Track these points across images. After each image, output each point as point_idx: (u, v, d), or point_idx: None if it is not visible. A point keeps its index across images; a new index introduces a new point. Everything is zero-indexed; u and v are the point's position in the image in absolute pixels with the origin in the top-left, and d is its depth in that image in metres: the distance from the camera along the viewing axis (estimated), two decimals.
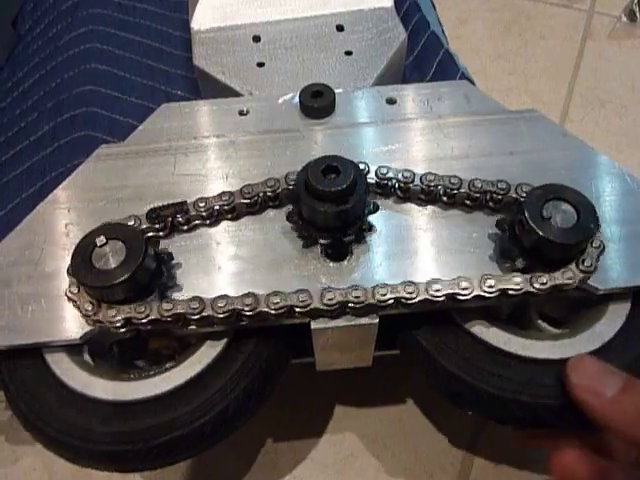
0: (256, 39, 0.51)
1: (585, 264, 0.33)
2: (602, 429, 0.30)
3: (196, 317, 0.32)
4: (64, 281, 0.34)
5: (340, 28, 0.52)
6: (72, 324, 0.34)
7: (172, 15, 0.66)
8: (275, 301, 0.32)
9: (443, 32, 0.65)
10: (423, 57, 0.58)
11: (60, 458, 0.35)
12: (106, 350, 0.37)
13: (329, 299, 0.32)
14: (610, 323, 0.35)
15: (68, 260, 0.33)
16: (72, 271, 0.32)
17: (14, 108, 0.59)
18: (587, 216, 0.32)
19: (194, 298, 0.33)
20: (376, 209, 0.35)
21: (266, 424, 0.46)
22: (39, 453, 0.46)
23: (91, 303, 0.32)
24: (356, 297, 0.32)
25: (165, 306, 0.32)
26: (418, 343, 0.35)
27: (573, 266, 0.33)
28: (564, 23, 0.77)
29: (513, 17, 0.78)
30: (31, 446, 0.46)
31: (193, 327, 0.34)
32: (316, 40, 0.51)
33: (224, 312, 0.32)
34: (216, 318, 0.32)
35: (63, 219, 0.37)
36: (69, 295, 0.33)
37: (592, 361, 0.32)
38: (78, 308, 0.33)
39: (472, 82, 0.57)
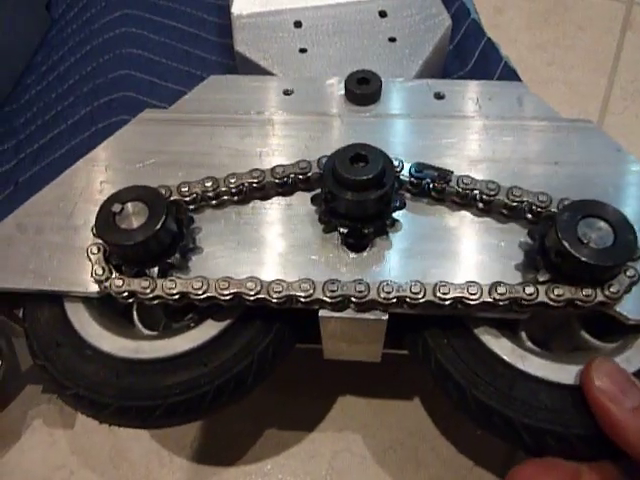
0: (297, 24, 0.51)
1: (611, 289, 0.31)
2: (611, 439, 0.29)
3: (201, 297, 0.32)
4: (90, 236, 0.35)
5: (383, 14, 0.51)
6: (92, 278, 0.34)
7: (206, 0, 0.66)
8: (277, 289, 0.32)
9: (480, 21, 0.64)
10: (464, 45, 0.57)
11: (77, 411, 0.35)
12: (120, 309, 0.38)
13: (332, 291, 0.32)
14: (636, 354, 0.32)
15: None
16: (95, 229, 0.33)
17: (50, 92, 0.58)
18: (624, 240, 0.30)
19: (198, 278, 0.32)
20: (402, 206, 0.34)
21: (305, 415, 0.46)
22: (76, 436, 0.46)
23: (102, 269, 0.33)
24: (359, 292, 0.32)
25: (168, 284, 0.32)
26: (427, 346, 0.34)
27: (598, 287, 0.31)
28: (603, 14, 0.75)
29: (551, 7, 0.76)
30: (69, 429, 0.46)
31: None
32: (358, 26, 0.50)
33: (227, 294, 0.32)
34: (220, 299, 0.32)
35: (100, 176, 0.38)
36: (89, 254, 0.34)
37: (617, 367, 0.30)
38: (92, 269, 0.33)
39: (515, 72, 0.56)
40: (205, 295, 0.32)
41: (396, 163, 0.35)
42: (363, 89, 0.41)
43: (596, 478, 0.30)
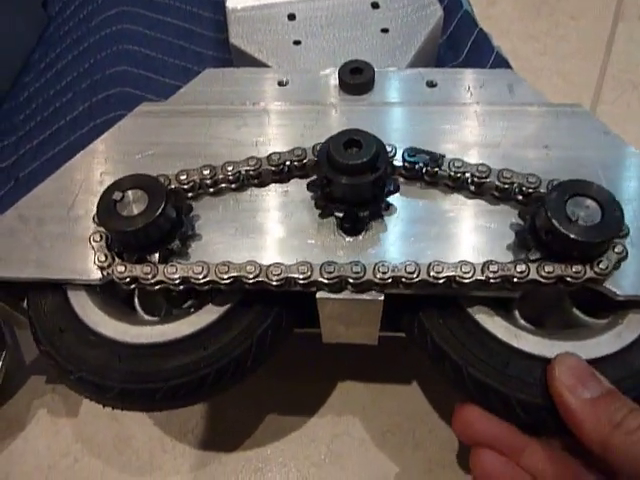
0: (291, 17, 0.52)
1: (600, 266, 0.31)
2: (571, 429, 0.30)
3: (202, 281, 0.33)
4: (92, 226, 0.36)
5: (375, 5, 0.52)
6: (94, 266, 0.35)
7: None
8: (276, 272, 0.33)
9: (473, 12, 0.65)
10: (457, 36, 0.58)
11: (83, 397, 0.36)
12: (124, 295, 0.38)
13: (329, 272, 0.32)
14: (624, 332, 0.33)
15: None
16: (97, 216, 0.33)
17: (48, 88, 0.59)
18: (611, 217, 0.31)
19: (198, 263, 0.33)
20: (396, 190, 0.35)
21: (304, 400, 0.47)
22: (80, 424, 0.47)
23: (105, 256, 0.34)
24: (355, 273, 0.32)
25: (170, 269, 0.33)
26: (422, 326, 0.35)
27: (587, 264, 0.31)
28: (595, 4, 0.76)
29: None
30: (73, 418, 0.47)
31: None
32: (351, 17, 0.51)
33: (227, 278, 0.33)
34: (220, 283, 0.33)
35: (99, 168, 0.39)
36: (91, 242, 0.34)
37: (579, 360, 0.31)
38: (94, 256, 0.34)
39: (506, 61, 0.57)
40: (205, 279, 0.33)
41: (389, 149, 0.36)
42: (356, 79, 0.42)
43: (541, 453, 0.32)
